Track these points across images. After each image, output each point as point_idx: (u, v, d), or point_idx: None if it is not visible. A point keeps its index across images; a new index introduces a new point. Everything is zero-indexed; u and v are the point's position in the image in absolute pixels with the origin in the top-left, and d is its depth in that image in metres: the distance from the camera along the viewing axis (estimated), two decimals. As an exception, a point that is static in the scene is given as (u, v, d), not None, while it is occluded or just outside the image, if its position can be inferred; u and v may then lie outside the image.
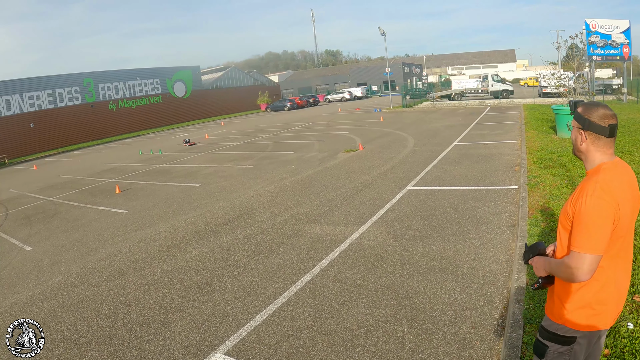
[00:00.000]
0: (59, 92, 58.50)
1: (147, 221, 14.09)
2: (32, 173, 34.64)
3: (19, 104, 54.44)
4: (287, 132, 35.17)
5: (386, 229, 10.24)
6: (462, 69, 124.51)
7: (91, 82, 62.31)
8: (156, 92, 70.84)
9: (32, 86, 55.95)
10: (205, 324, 7.06)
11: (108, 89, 64.55)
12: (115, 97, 65.31)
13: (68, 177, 27.73)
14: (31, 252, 12.93)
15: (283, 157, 22.95)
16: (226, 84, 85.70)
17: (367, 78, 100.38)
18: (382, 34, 49.56)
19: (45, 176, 30.81)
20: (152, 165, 27.26)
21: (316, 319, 6.70)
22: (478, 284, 7.14)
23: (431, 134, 24.57)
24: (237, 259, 9.70)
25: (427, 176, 14.75)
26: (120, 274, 9.92)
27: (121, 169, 27.56)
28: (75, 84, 60.41)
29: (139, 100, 67.87)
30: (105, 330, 7.46)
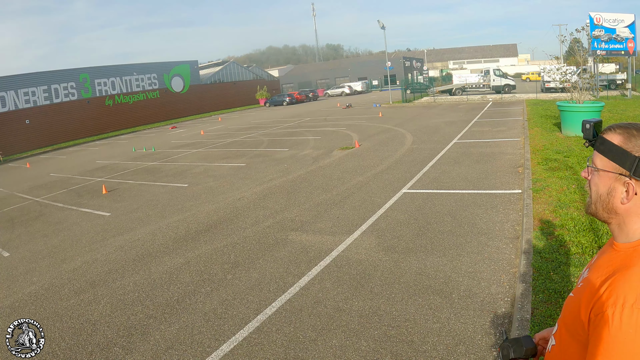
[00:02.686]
0: (54, 88, 57.88)
1: (128, 225, 13.50)
2: (25, 171, 34.21)
3: (14, 100, 53.91)
4: (283, 128, 34.60)
5: (376, 239, 9.46)
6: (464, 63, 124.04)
7: (87, 78, 61.73)
8: (153, 87, 70.30)
9: (28, 82, 55.40)
10: (169, 351, 6.40)
11: (104, 85, 63.99)
12: (112, 93, 64.75)
13: (59, 176, 27.26)
14: (8, 258, 12.48)
15: (276, 154, 22.33)
16: (225, 78, 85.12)
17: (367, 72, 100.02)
18: (381, 28, 48.98)
19: (36, 174, 30.38)
20: (143, 163, 26.72)
21: (289, 351, 5.96)
22: (476, 310, 6.29)
23: (431, 130, 23.88)
24: (213, 272, 9.02)
25: (424, 177, 13.98)
26: (90, 287, 9.32)
27: (112, 167, 27.07)
28: (71, 80, 59.85)
29: (135, 95, 67.31)
30: (65, 352, 6.89)
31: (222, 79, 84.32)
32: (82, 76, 61.17)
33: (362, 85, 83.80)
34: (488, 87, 49.86)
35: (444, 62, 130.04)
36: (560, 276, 6.64)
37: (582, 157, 13.72)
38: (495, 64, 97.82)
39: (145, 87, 69.34)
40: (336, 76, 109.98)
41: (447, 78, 77.63)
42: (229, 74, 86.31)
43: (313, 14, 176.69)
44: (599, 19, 36.13)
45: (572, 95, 20.13)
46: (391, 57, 72.70)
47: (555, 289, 6.27)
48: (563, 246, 7.66)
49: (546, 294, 6.20)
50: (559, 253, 7.40)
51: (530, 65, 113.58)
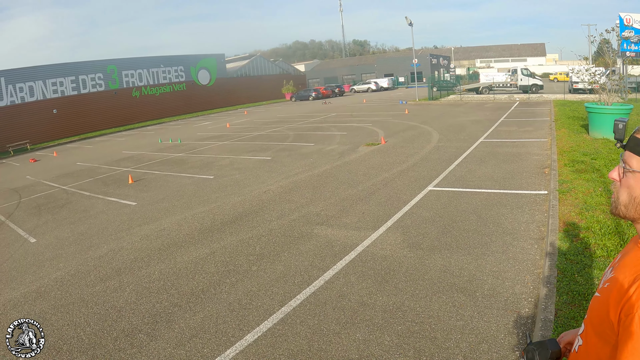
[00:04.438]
0: (82, 79, 58.60)
1: (154, 215, 13.61)
2: (52, 160, 34.62)
3: (42, 90, 54.71)
4: (309, 123, 34.56)
5: (402, 235, 9.42)
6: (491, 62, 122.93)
7: (115, 69, 62.34)
8: (180, 79, 70.69)
9: (56, 73, 56.22)
10: (193, 340, 6.45)
11: (132, 76, 64.58)
12: (139, 84, 65.32)
13: (85, 165, 27.55)
14: (35, 244, 12.63)
15: (302, 149, 22.32)
16: (251, 72, 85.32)
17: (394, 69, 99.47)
18: (409, 24, 48.69)
19: (63, 163, 30.73)
20: (169, 154, 26.87)
21: (312, 343, 5.98)
22: (499, 310, 6.24)
23: (457, 128, 23.69)
24: (238, 263, 9.07)
25: (450, 176, 13.88)
26: (116, 274, 9.43)
27: (138, 158, 27.27)
28: (99, 71, 60.54)
29: (162, 87, 67.76)
30: (90, 338, 6.99)
31: (249, 73, 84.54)
32: (109, 67, 61.79)
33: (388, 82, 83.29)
34: (515, 86, 49.29)
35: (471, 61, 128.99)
36: (585, 278, 6.57)
37: (609, 159, 13.53)
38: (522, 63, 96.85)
39: (172, 80, 69.75)
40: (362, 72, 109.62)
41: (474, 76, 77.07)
42: (256, 68, 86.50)
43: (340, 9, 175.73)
44: (629, 19, 35.62)
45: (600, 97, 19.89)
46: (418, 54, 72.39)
47: (580, 291, 6.21)
48: (588, 248, 7.56)
49: (570, 296, 6.14)
50: (584, 255, 7.31)
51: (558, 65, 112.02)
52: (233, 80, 79.58)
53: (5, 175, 29.99)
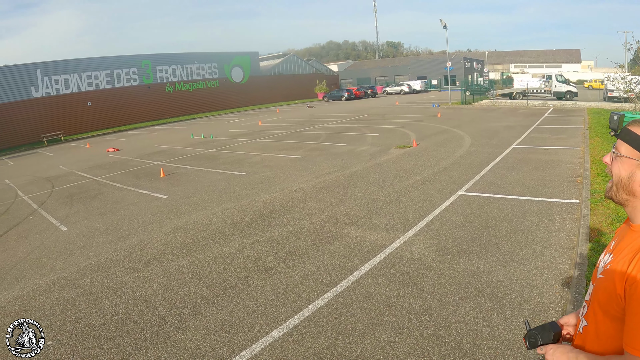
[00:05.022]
0: (117, 73, 59.49)
1: (185, 209, 13.72)
2: (85, 151, 35.11)
3: (77, 83, 55.69)
4: (341, 123, 34.55)
5: (431, 239, 9.37)
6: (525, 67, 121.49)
7: (149, 64, 63.10)
8: (213, 76, 71.19)
9: (91, 66, 57.22)
10: (219, 333, 6.51)
11: (166, 72, 65.26)
12: (173, 80, 65.92)
13: (117, 157, 27.90)
14: (66, 232, 12.84)
15: (334, 149, 22.31)
16: (284, 71, 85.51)
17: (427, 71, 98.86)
18: (443, 27, 48.40)
19: (96, 155, 31.15)
20: (201, 149, 27.07)
21: (338, 342, 5.98)
22: (527, 318, 6.10)
23: (489, 134, 23.47)
24: (266, 259, 9.11)
25: (481, 181, 13.77)
26: (145, 265, 9.56)
27: (170, 152, 27.52)
28: (133, 66, 61.35)
29: (196, 83, 68.24)
30: (117, 326, 7.10)
31: (282, 72, 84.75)
32: (144, 62, 62.57)
33: (421, 84, 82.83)
34: (549, 92, 48.61)
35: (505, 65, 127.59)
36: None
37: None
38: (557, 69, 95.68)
39: (206, 76, 70.29)
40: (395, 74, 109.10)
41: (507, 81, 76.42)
42: (289, 67, 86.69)
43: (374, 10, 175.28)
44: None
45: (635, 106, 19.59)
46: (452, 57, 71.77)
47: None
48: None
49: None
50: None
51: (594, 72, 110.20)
52: (266, 79, 79.82)
53: (39, 164, 30.46)
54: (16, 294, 8.91)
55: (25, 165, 31.16)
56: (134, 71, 61.28)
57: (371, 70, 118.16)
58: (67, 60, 55.85)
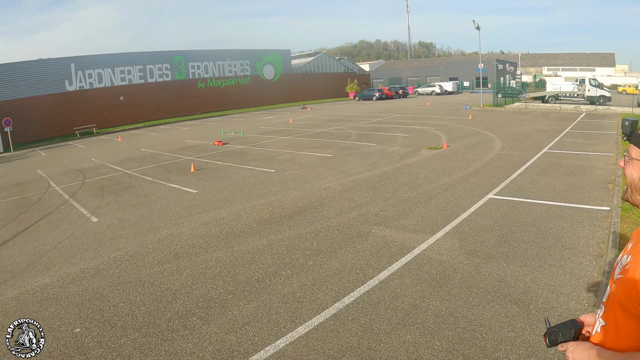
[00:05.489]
0: (149, 68, 60.22)
1: (214, 204, 13.85)
2: (116, 144, 35.56)
3: (110, 77, 56.57)
4: (372, 123, 34.42)
5: (459, 241, 9.32)
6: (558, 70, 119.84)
7: (181, 60, 63.73)
8: (245, 73, 71.52)
9: (124, 61, 58.14)
10: (245, 327, 6.57)
11: (198, 68, 65.82)
12: (205, 76, 66.46)
13: (149, 151, 28.20)
14: (96, 223, 13.06)
15: (364, 148, 22.30)
16: (316, 69, 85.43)
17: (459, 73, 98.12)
18: (476, 28, 47.96)
19: (127, 148, 31.56)
20: (231, 146, 27.26)
21: (362, 341, 6.00)
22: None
23: (520, 137, 23.20)
24: (294, 256, 9.16)
25: (511, 185, 13.63)
26: (174, 258, 9.68)
27: (201, 147, 27.75)
28: (165, 61, 62.05)
29: (227, 80, 68.66)
30: (144, 317, 7.23)
31: (313, 70, 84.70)
32: (176, 58, 63.22)
33: (452, 86, 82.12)
34: (582, 97, 47.79)
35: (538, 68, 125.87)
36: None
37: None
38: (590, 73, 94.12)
39: (237, 73, 70.65)
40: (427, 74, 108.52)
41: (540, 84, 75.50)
42: (320, 65, 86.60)
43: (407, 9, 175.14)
44: None
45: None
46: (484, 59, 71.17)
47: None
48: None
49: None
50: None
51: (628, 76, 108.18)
52: (297, 77, 79.94)
53: (72, 156, 30.94)
54: (46, 281, 9.10)
55: (58, 157, 31.69)
56: (166, 67, 61.91)
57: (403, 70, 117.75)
58: (101, 55, 56.80)
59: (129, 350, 6.27)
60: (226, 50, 70.74)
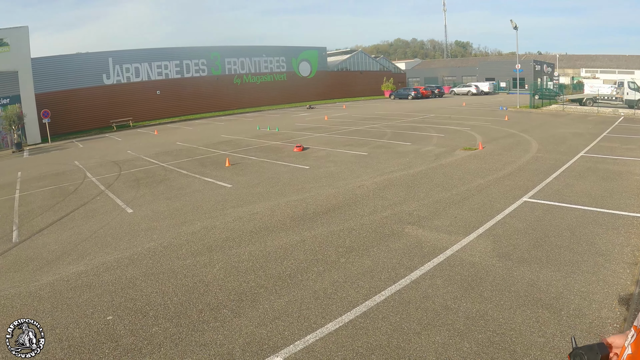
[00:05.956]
0: (186, 64, 60.90)
1: (248, 198, 13.98)
2: (152, 138, 36.03)
3: (147, 71, 57.42)
4: (407, 122, 34.27)
5: (492, 244, 9.24)
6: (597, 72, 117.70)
7: (218, 56, 64.20)
8: (281, 69, 71.75)
9: (161, 56, 58.98)
10: (275, 321, 6.64)
11: (234, 64, 66.21)
12: (241, 72, 66.85)
13: (184, 145, 28.51)
14: (131, 215, 13.29)
15: (399, 147, 22.24)
16: (351, 67, 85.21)
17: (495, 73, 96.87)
18: (514, 28, 47.34)
19: (163, 142, 31.96)
20: (266, 141, 27.43)
21: (392, 340, 6.01)
22: (583, 332, 5.99)
23: (557, 140, 22.87)
24: (327, 253, 9.20)
25: (546, 188, 13.45)
26: (207, 251, 9.81)
27: (236, 142, 27.96)
28: (202, 57, 62.65)
29: (263, 76, 69.04)
30: (176, 307, 7.35)
31: (349, 68, 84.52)
32: (213, 54, 63.73)
33: (489, 86, 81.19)
34: (621, 100, 46.84)
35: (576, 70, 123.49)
36: (677, 310, 6.25)
37: None
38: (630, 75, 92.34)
39: (273, 69, 70.87)
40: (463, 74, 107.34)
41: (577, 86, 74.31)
42: (356, 63, 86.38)
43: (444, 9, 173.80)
44: None
45: None
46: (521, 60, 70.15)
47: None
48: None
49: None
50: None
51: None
52: (333, 74, 79.93)
53: (108, 148, 31.47)
54: (80, 269, 9.32)
55: (95, 149, 32.27)
56: (202, 62, 62.45)
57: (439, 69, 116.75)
58: (138, 49, 57.91)
59: (159, 340, 6.39)
60: (262, 47, 71.23)
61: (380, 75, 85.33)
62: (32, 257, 10.42)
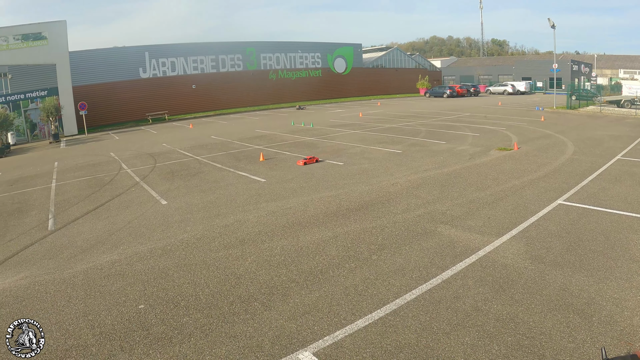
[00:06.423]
0: (221, 58, 61.33)
1: (282, 193, 14.09)
2: (187, 131, 36.39)
3: (183, 66, 57.96)
4: (442, 121, 34.03)
5: (525, 246, 9.16)
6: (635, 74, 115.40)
7: (253, 51, 64.47)
8: (316, 66, 71.70)
9: (197, 51, 59.48)
10: (305, 316, 6.71)
11: (269, 59, 66.41)
12: (276, 68, 67.01)
13: (219, 139, 28.74)
14: (165, 206, 13.49)
15: (433, 146, 22.14)
16: (387, 64, 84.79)
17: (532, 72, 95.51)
18: (551, 27, 46.60)
19: (198, 135, 32.27)
20: (301, 137, 27.52)
21: (421, 339, 6.02)
22: (613, 339, 5.89)
23: (594, 142, 22.48)
24: (359, 250, 9.24)
25: (581, 191, 13.25)
26: (240, 244, 9.93)
27: (270, 137, 28.12)
28: (238, 52, 62.95)
29: (298, 72, 69.11)
30: (207, 298, 7.48)
31: (384, 65, 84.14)
32: (248, 50, 64.01)
33: (525, 86, 79.98)
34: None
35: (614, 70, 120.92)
36: None
37: None
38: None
39: (309, 65, 70.87)
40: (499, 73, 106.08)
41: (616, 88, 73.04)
42: (391, 60, 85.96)
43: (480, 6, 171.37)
44: None
45: None
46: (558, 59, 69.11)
47: None
48: None
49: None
50: None
51: None
52: (368, 71, 79.65)
53: (143, 140, 31.89)
54: (114, 258, 9.54)
55: (130, 141, 32.70)
56: (238, 57, 62.76)
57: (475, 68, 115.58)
58: (174, 44, 58.50)
59: (190, 330, 6.51)
60: (298, 43, 71.15)
61: (415, 72, 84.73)
62: (66, 245, 10.67)
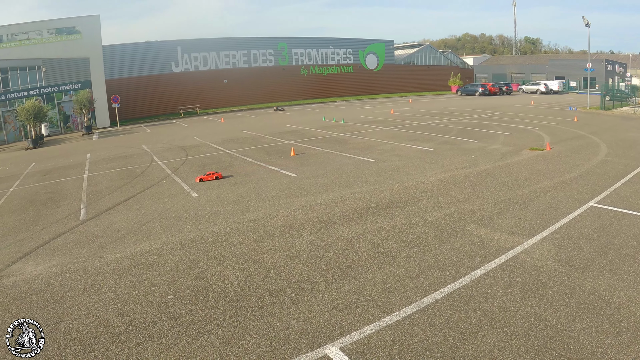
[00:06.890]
0: (253, 54, 61.67)
1: (312, 189, 14.17)
2: (218, 125, 36.72)
3: (215, 60, 58.51)
4: (474, 119, 33.77)
5: (555, 248, 9.07)
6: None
7: (285, 47, 64.68)
8: (348, 62, 71.67)
9: (229, 46, 59.95)
10: (333, 311, 6.76)
11: (301, 55, 66.55)
12: (308, 63, 67.14)
13: (250, 134, 28.96)
14: (196, 199, 13.68)
15: (464, 144, 22.02)
16: (419, 61, 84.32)
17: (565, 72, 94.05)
18: (585, 25, 45.88)
19: (229, 129, 32.55)
20: (332, 133, 27.59)
21: (448, 338, 6.03)
22: None
23: (627, 144, 22.09)
24: (388, 247, 9.27)
25: (614, 194, 13.04)
26: (269, 238, 10.04)
27: (301, 133, 28.23)
28: (270, 47, 63.24)
29: (330, 68, 69.16)
30: (236, 290, 7.59)
31: (416, 62, 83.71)
32: (280, 45, 64.26)
33: (558, 85, 78.75)
34: (695, 105, 44.91)
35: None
36: None
37: None
38: None
39: (340, 61, 70.86)
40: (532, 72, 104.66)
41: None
42: (423, 57, 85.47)
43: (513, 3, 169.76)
44: None
45: None
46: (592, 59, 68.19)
47: None
48: None
49: None
50: None
51: None
52: (400, 68, 79.32)
53: (175, 134, 32.20)
54: (144, 248, 9.74)
55: (162, 134, 33.12)
56: (270, 52, 63.05)
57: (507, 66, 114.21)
58: (207, 39, 58.96)
59: (218, 321, 6.62)
60: (329, 39, 71.25)
61: (447, 70, 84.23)
62: (98, 235, 10.90)
